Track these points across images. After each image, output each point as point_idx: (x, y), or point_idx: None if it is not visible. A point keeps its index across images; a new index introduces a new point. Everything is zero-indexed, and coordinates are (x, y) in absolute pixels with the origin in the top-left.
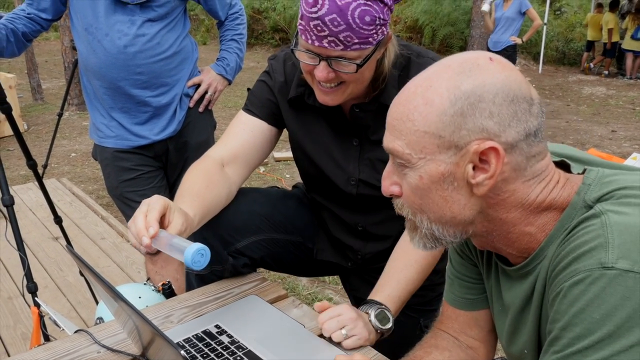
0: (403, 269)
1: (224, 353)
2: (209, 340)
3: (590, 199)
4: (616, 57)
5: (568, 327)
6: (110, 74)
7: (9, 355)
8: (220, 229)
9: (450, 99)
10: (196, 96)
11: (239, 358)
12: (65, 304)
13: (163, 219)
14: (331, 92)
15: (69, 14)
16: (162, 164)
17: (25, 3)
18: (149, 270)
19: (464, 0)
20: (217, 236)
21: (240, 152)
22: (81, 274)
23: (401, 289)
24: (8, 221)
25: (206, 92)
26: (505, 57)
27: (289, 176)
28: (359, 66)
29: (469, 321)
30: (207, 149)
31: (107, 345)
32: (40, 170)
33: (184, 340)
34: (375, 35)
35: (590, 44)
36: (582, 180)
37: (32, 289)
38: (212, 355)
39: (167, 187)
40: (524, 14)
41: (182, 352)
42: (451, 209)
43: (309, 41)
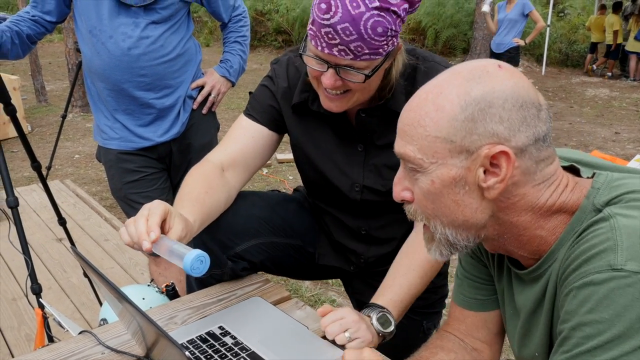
0: (406, 273)
1: (228, 354)
2: (212, 341)
3: (600, 203)
4: (620, 58)
5: (578, 327)
6: (114, 76)
7: (13, 357)
8: (219, 232)
9: (460, 104)
10: (200, 98)
11: (242, 359)
12: (69, 305)
13: (163, 224)
14: (336, 99)
15: (73, 16)
16: (166, 165)
17: (30, 5)
18: (152, 271)
19: (467, 2)
20: (216, 240)
21: (240, 157)
22: (85, 276)
23: (403, 292)
24: (12, 223)
25: (209, 94)
26: (508, 59)
27: (292, 178)
28: (367, 77)
29: (478, 323)
30: (210, 151)
31: (111, 346)
32: (44, 172)
33: (187, 341)
34: (385, 47)
35: (594, 46)
36: (591, 184)
37: (36, 290)
38: (215, 356)
39: (170, 188)
40: (526, 15)
41: (186, 353)
42: (463, 213)
43: (319, 48)
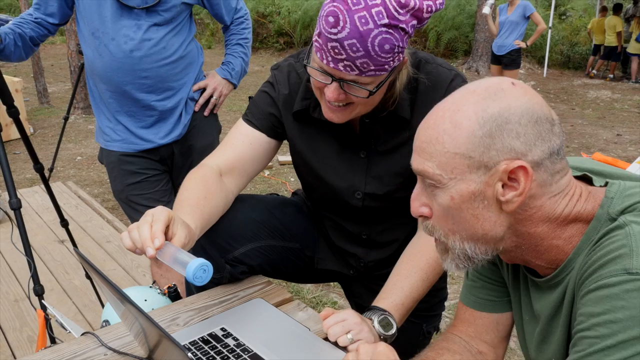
0: (408, 276)
1: (230, 356)
2: (214, 343)
3: (614, 212)
4: (621, 60)
5: (592, 328)
6: (116, 78)
7: (15, 358)
8: (217, 236)
9: (478, 121)
10: (201, 100)
11: None
12: (71, 306)
13: (167, 230)
14: (338, 111)
15: (76, 18)
16: (168, 167)
17: (33, 8)
18: (154, 273)
19: (469, 5)
20: (214, 244)
21: (238, 163)
22: (87, 277)
23: (405, 295)
24: (15, 224)
25: (211, 96)
26: (509, 61)
27: (293, 180)
28: (371, 93)
29: (489, 324)
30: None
31: (113, 348)
32: (46, 174)
33: (190, 342)
34: (391, 62)
35: (597, 48)
36: (604, 194)
37: (39, 291)
38: (217, 358)
39: (172, 190)
40: (528, 18)
41: (188, 354)
42: (483, 227)
43: (324, 61)
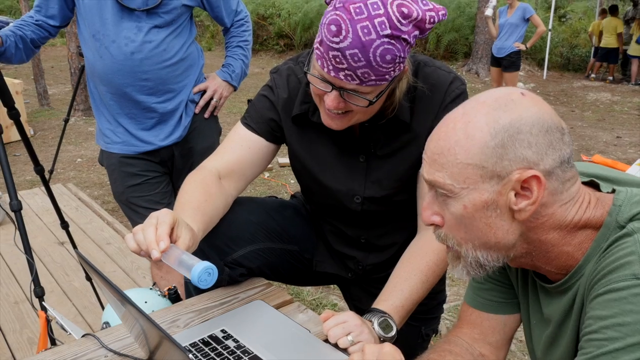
0: (407, 278)
1: (230, 357)
2: (215, 344)
3: (622, 220)
4: (621, 63)
5: (600, 330)
6: (117, 80)
7: None
8: (216, 239)
9: (490, 132)
10: (202, 102)
11: None
12: (71, 308)
13: (171, 233)
14: (337, 118)
15: (77, 20)
16: (168, 169)
17: (33, 10)
18: (154, 275)
19: (469, 7)
20: (213, 246)
21: (237, 167)
22: (87, 279)
23: (405, 298)
24: (16, 226)
25: (212, 98)
26: (509, 63)
27: (293, 182)
28: (370, 102)
29: (496, 326)
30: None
31: (114, 350)
32: (46, 176)
33: (190, 344)
34: (392, 72)
35: (597, 50)
36: (612, 202)
37: (39, 293)
38: (218, 359)
39: (172, 192)
40: (527, 20)
41: (189, 356)
42: (495, 235)
43: (325, 69)
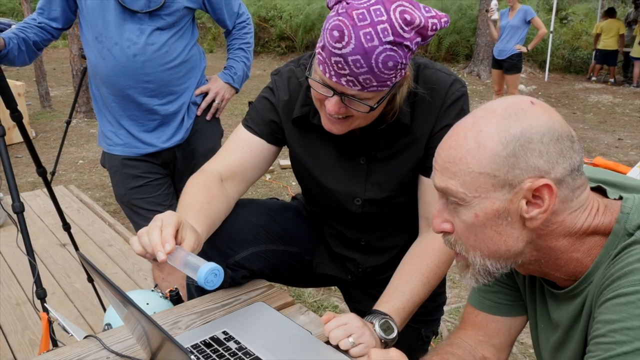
0: (409, 280)
1: (232, 359)
2: (216, 346)
3: (631, 227)
4: (623, 65)
5: (608, 334)
6: (119, 82)
7: None
8: (218, 241)
9: (501, 142)
10: (204, 104)
11: None
12: (72, 310)
13: (176, 235)
14: (337, 123)
15: (79, 22)
16: (170, 171)
17: (36, 12)
18: (156, 277)
19: (470, 9)
20: (216, 248)
21: (239, 169)
22: (88, 281)
23: (406, 300)
24: (18, 228)
25: (214, 101)
26: (510, 66)
27: (294, 184)
28: (372, 108)
29: (501, 328)
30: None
31: (116, 351)
32: (48, 177)
33: (191, 346)
34: (393, 79)
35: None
36: (620, 209)
37: (41, 295)
38: None
39: (174, 194)
40: (529, 22)
41: (191, 357)
42: (506, 243)
43: (327, 74)
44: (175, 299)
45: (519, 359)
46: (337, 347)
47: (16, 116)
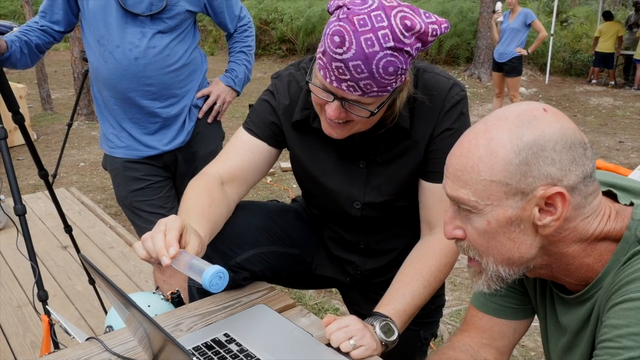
0: (409, 283)
1: None
2: (218, 348)
3: None
4: (624, 67)
5: (615, 339)
6: (121, 85)
7: None
8: (219, 243)
9: (514, 150)
10: (205, 107)
11: None
12: (73, 312)
13: (180, 239)
14: (337, 127)
15: (81, 25)
16: (171, 174)
17: (38, 15)
18: (157, 279)
19: (471, 12)
20: (217, 250)
21: (239, 172)
22: (90, 283)
23: (407, 302)
24: (19, 230)
25: (215, 103)
26: (510, 68)
27: (295, 186)
28: (372, 113)
29: (506, 331)
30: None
31: (118, 353)
32: (49, 180)
33: (193, 348)
34: (394, 84)
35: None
36: (631, 216)
37: (43, 297)
38: None
39: (175, 196)
40: (529, 25)
41: (193, 359)
42: (519, 250)
43: (327, 79)
44: (177, 301)
45: None
46: (338, 350)
47: (18, 119)
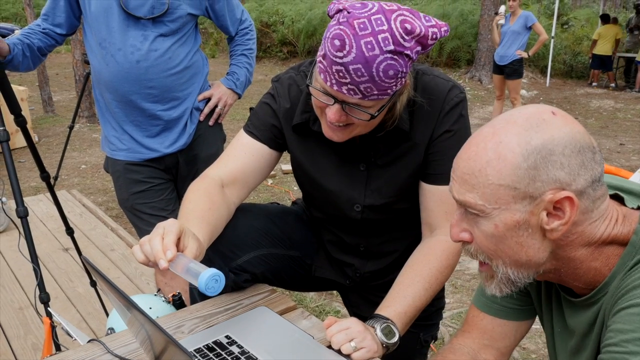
0: (410, 285)
1: None
2: (219, 350)
3: None
4: (624, 70)
5: (620, 344)
6: (123, 87)
7: None
8: (220, 245)
9: (522, 154)
10: (206, 110)
11: None
12: (75, 314)
13: (178, 242)
14: (338, 130)
15: (83, 28)
16: (173, 176)
17: (41, 18)
18: (158, 281)
19: (471, 14)
20: (218, 252)
21: (240, 174)
22: (91, 285)
23: (408, 304)
24: (21, 232)
25: (216, 106)
26: (511, 71)
27: (296, 188)
28: (372, 116)
29: (508, 332)
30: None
31: (119, 355)
32: (51, 182)
33: (195, 350)
34: (394, 87)
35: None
36: (638, 220)
37: (45, 299)
38: None
39: (176, 199)
40: (529, 28)
41: None
42: (527, 253)
43: (328, 83)
44: (178, 303)
45: None
46: (339, 352)
47: (20, 121)
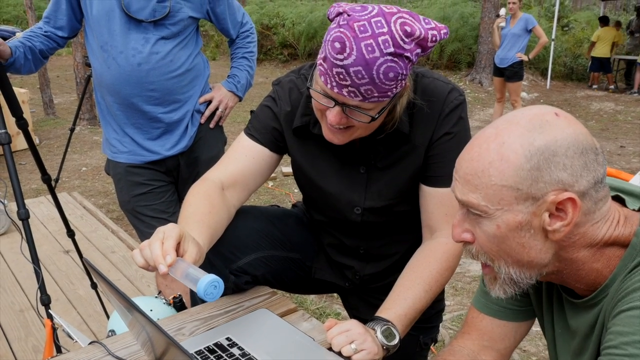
0: (411, 287)
1: None
2: (220, 352)
3: None
4: (625, 72)
5: (620, 347)
6: (124, 90)
7: None
8: (221, 247)
9: (525, 155)
10: (207, 112)
11: None
12: (75, 316)
13: (178, 247)
14: (338, 133)
15: (84, 31)
16: (173, 178)
17: (42, 21)
18: (159, 283)
19: (472, 17)
20: (218, 254)
21: (240, 177)
22: (92, 287)
23: (408, 306)
24: (23, 234)
25: (217, 109)
26: (512, 74)
27: (297, 191)
28: (373, 118)
29: (507, 333)
30: None
31: (120, 357)
32: (52, 184)
33: (195, 352)
34: (394, 89)
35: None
36: (639, 222)
37: (46, 301)
38: None
39: (177, 201)
40: (530, 31)
41: None
42: (529, 254)
43: (328, 85)
44: (179, 305)
45: None
46: (339, 354)
47: (22, 124)
